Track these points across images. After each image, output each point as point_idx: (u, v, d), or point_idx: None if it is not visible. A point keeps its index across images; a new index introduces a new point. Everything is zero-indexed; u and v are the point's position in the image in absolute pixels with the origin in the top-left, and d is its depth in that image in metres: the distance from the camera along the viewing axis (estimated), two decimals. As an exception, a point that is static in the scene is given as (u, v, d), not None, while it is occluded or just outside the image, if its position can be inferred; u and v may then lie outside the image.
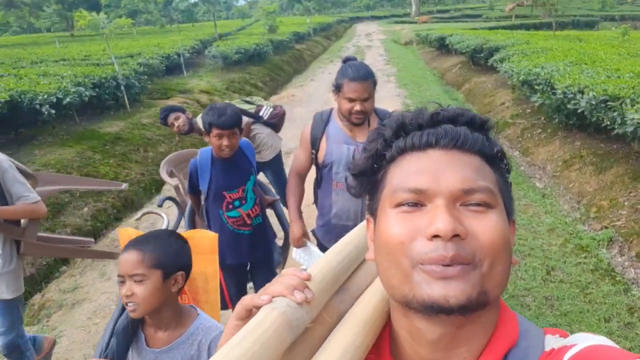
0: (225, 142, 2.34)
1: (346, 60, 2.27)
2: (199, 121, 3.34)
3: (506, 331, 0.60)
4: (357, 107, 2.13)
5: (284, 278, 0.62)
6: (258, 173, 2.84)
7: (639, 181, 4.58)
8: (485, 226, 0.55)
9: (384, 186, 0.63)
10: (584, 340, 0.56)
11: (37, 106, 6.01)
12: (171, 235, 1.57)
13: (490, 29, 18.98)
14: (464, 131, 0.60)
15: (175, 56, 11.74)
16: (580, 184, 5.12)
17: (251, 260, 2.71)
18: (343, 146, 2.25)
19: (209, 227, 2.54)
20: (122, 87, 7.96)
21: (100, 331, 3.10)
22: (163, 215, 2.58)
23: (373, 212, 0.65)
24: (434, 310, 0.53)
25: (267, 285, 0.62)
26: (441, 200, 0.56)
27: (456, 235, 0.53)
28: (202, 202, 2.56)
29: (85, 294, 3.62)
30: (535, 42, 10.78)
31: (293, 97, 11.40)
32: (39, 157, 5.62)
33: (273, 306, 0.57)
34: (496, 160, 0.63)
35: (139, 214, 2.67)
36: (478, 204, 0.56)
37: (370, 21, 48.35)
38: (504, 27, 20.09)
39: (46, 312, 3.42)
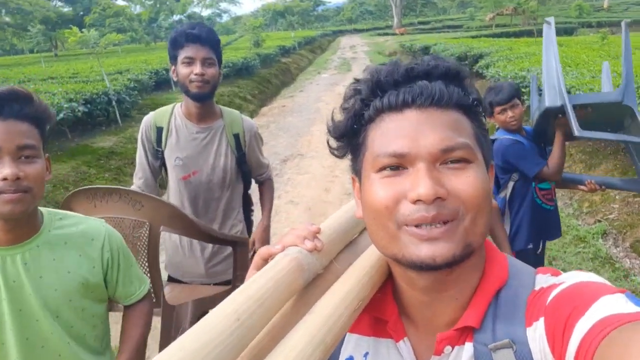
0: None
1: None
2: None
3: (495, 272, 0.64)
4: None
5: (296, 230, 0.66)
6: None
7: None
8: (465, 183, 0.57)
9: (365, 148, 0.64)
10: (572, 278, 0.59)
11: (31, 122, 5.99)
12: None
13: (473, 37, 19.36)
14: (439, 86, 0.60)
15: (164, 72, 11.75)
16: (571, 181, 5.25)
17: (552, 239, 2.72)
18: None
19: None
20: (114, 103, 7.97)
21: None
22: None
23: (357, 172, 0.67)
24: (422, 269, 0.57)
25: (281, 236, 0.67)
26: (422, 163, 0.57)
27: (438, 198, 0.56)
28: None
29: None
30: (518, 48, 11.05)
31: (284, 107, 11.50)
32: (34, 173, 5.59)
33: (286, 253, 0.63)
34: (473, 109, 0.63)
35: None
36: (458, 161, 0.58)
37: (352, 34, 48.94)
38: (485, 36, 20.51)
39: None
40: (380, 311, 0.70)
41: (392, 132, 0.60)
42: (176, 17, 30.07)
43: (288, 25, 47.63)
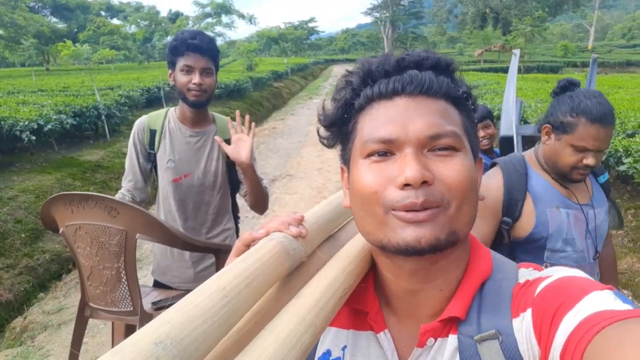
0: None
1: (569, 85, 1.53)
2: None
3: (480, 264, 0.65)
4: (590, 160, 1.44)
5: (280, 217, 0.66)
6: None
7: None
8: (451, 170, 0.57)
9: (354, 136, 0.64)
10: (558, 272, 0.59)
11: (17, 132, 5.94)
12: None
13: (462, 71, 19.78)
14: (429, 76, 0.60)
15: (156, 89, 11.79)
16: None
17: None
18: (561, 211, 1.53)
19: None
20: (103, 117, 7.94)
21: (89, 350, 2.98)
22: None
23: (346, 161, 0.67)
24: (408, 252, 0.57)
25: (264, 223, 0.67)
26: (409, 148, 0.57)
27: (425, 182, 0.56)
28: None
29: (72, 314, 3.45)
30: (505, 83, 11.29)
31: (274, 129, 11.56)
32: (17, 183, 5.50)
33: (271, 237, 0.62)
34: (462, 102, 0.63)
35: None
36: (445, 148, 0.58)
37: (344, 63, 49.78)
38: (473, 70, 21.02)
39: (29, 334, 3.28)
40: (361, 303, 0.69)
41: (381, 119, 0.60)
42: (171, 39, 30.38)
43: (281, 52, 48.34)
